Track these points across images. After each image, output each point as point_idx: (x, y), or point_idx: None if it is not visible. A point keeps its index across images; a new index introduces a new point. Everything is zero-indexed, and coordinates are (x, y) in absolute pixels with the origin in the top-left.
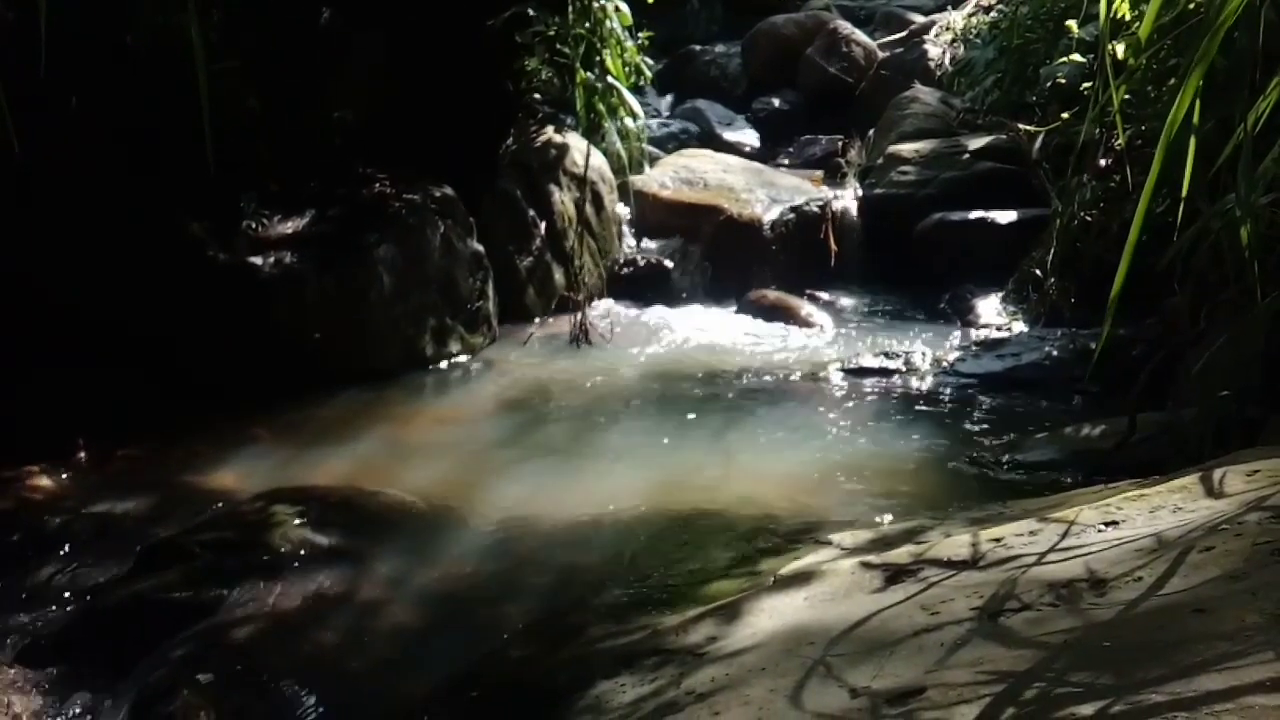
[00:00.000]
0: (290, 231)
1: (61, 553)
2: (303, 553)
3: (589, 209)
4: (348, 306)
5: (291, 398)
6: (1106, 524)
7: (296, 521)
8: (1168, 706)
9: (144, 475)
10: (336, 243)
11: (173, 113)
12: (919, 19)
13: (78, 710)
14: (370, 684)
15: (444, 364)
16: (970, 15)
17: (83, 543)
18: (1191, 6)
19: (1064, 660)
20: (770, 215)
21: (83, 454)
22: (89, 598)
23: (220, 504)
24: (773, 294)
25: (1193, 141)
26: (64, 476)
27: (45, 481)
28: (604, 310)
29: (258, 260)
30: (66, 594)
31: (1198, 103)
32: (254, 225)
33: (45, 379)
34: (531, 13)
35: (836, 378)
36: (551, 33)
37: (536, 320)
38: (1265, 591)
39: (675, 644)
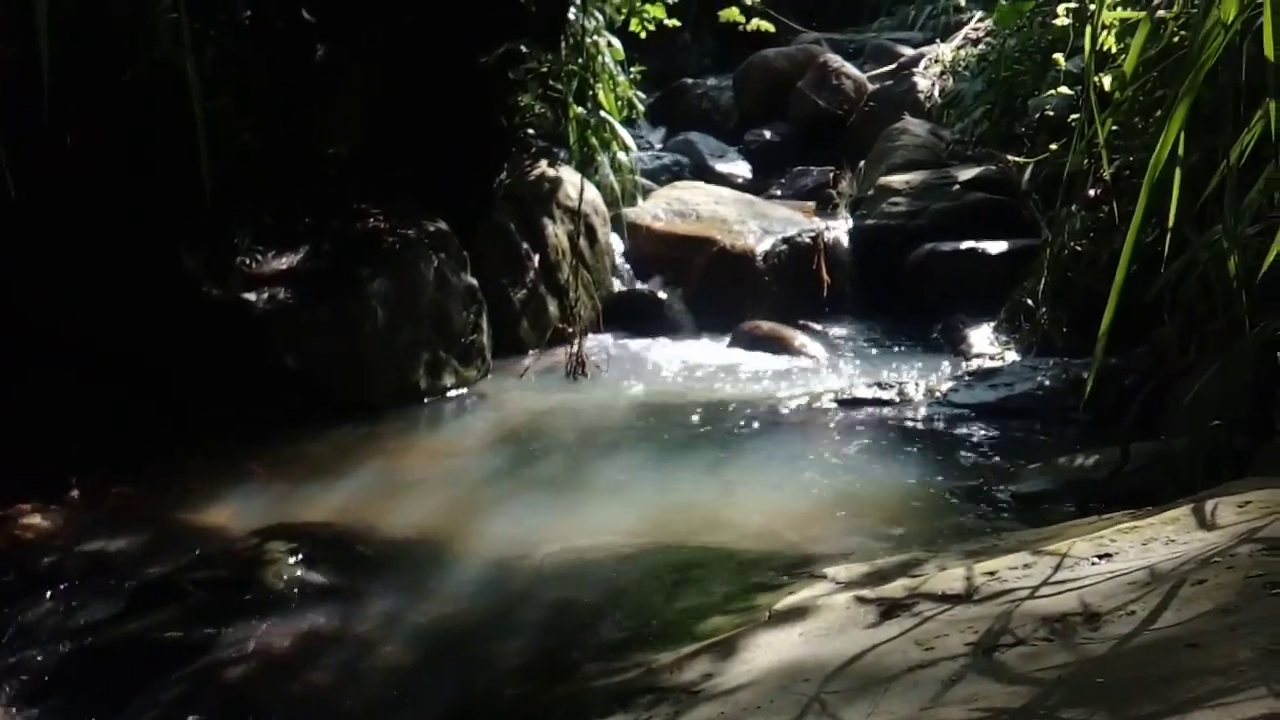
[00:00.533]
0: (284, 267)
1: (53, 592)
2: (296, 591)
3: (582, 242)
4: (341, 340)
5: (285, 432)
6: (1100, 556)
7: (290, 559)
8: None
9: (137, 512)
10: (330, 277)
11: (168, 148)
12: (908, 52)
13: None
14: None
15: (438, 398)
16: (959, 48)
17: (75, 581)
18: (1176, 40)
19: (1058, 696)
20: (763, 246)
21: (75, 491)
22: (81, 637)
23: (214, 541)
24: (766, 325)
25: (1178, 174)
26: (57, 514)
27: (37, 520)
28: (598, 343)
29: (251, 296)
30: (58, 633)
31: (1183, 136)
32: (248, 261)
33: (37, 416)
34: (524, 49)
35: (830, 409)
36: (544, 69)
37: (531, 353)
38: (1258, 626)
39: (670, 682)
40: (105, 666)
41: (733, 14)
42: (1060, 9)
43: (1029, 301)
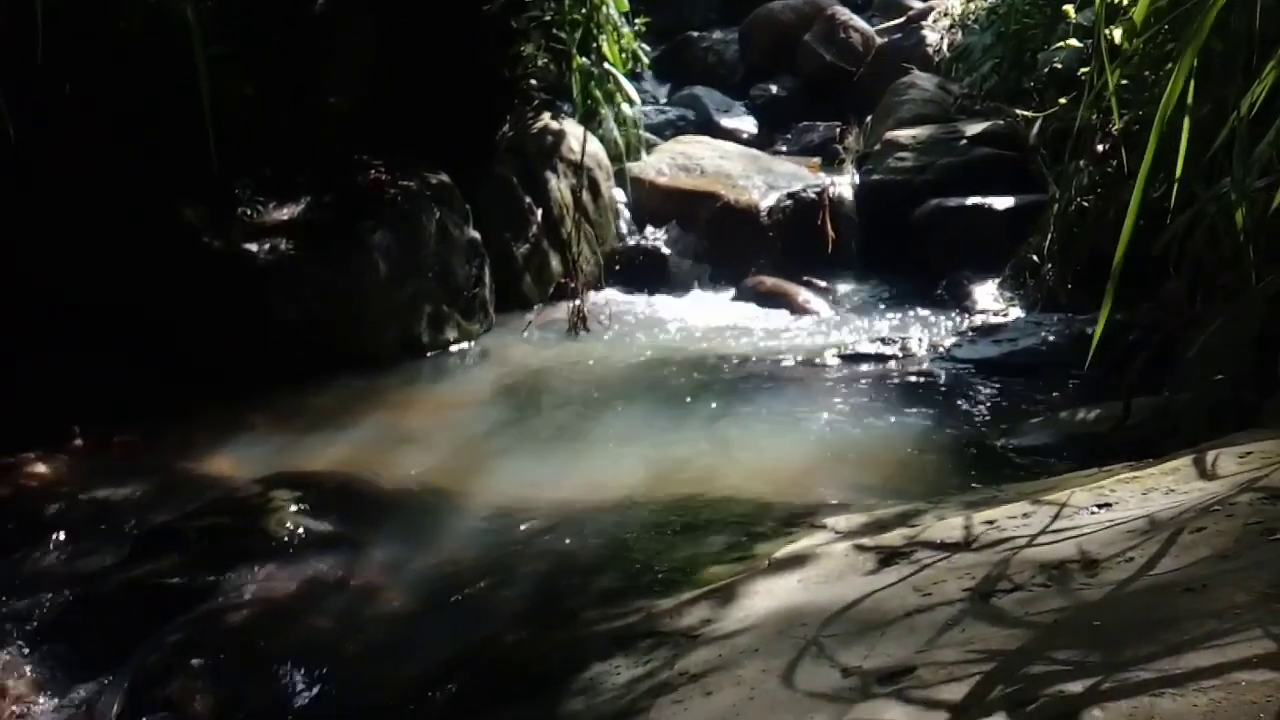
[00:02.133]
0: (285, 218)
1: (58, 539)
2: (299, 538)
3: (586, 196)
4: (343, 293)
5: (288, 384)
6: (1099, 506)
7: (293, 507)
8: (1156, 684)
9: (140, 461)
10: (332, 229)
11: (167, 99)
12: (917, 4)
13: (75, 695)
14: (366, 668)
15: (440, 351)
16: (968, 1)
17: (79, 529)
18: None
19: (1054, 639)
20: (768, 202)
21: (79, 440)
22: (86, 583)
23: (217, 490)
24: (770, 280)
25: (1187, 125)
26: (60, 463)
27: (41, 468)
28: (601, 298)
29: (253, 247)
30: (63, 580)
31: (1192, 86)
32: (249, 212)
33: (41, 366)
34: None
35: (834, 364)
36: (547, 18)
37: (534, 307)
38: (1255, 571)
39: (669, 626)
40: (109, 612)
41: None
42: None
43: (1034, 257)
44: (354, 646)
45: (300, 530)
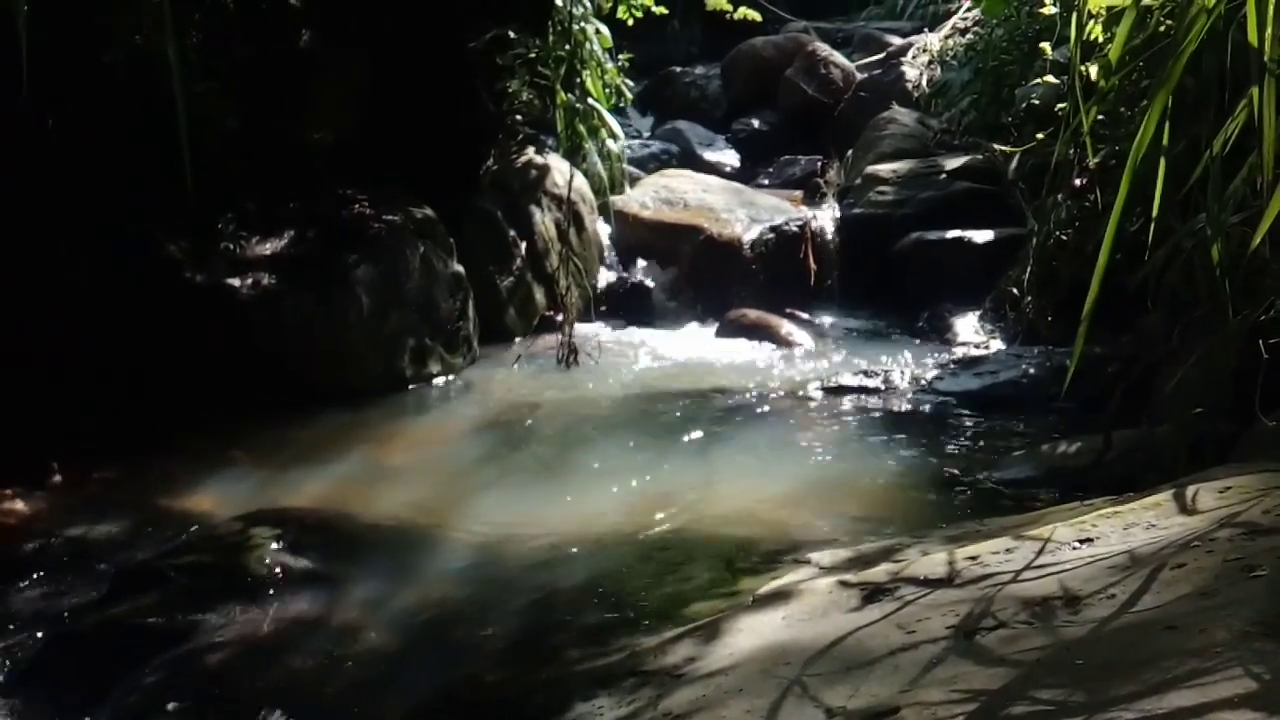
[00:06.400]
0: (268, 252)
1: (35, 577)
2: (280, 576)
3: (570, 229)
4: (326, 327)
5: (269, 419)
6: (1081, 541)
7: (274, 545)
8: None
9: (119, 498)
10: (315, 263)
11: (150, 133)
12: (896, 41)
13: None
14: (346, 708)
15: (423, 384)
16: (946, 37)
17: (57, 567)
18: (1162, 29)
19: (1038, 678)
20: (750, 235)
21: (57, 477)
22: (63, 622)
23: (197, 527)
24: (753, 313)
25: (1162, 162)
26: (39, 499)
27: (19, 505)
28: (585, 331)
29: (235, 281)
30: (40, 619)
31: (1167, 124)
32: (232, 246)
33: (18, 400)
34: (512, 35)
35: (816, 396)
36: (532, 55)
37: (517, 340)
38: (1235, 608)
39: (653, 665)
40: (87, 652)
41: (720, 2)
42: None
43: (1014, 290)
44: (335, 686)
45: (280, 568)
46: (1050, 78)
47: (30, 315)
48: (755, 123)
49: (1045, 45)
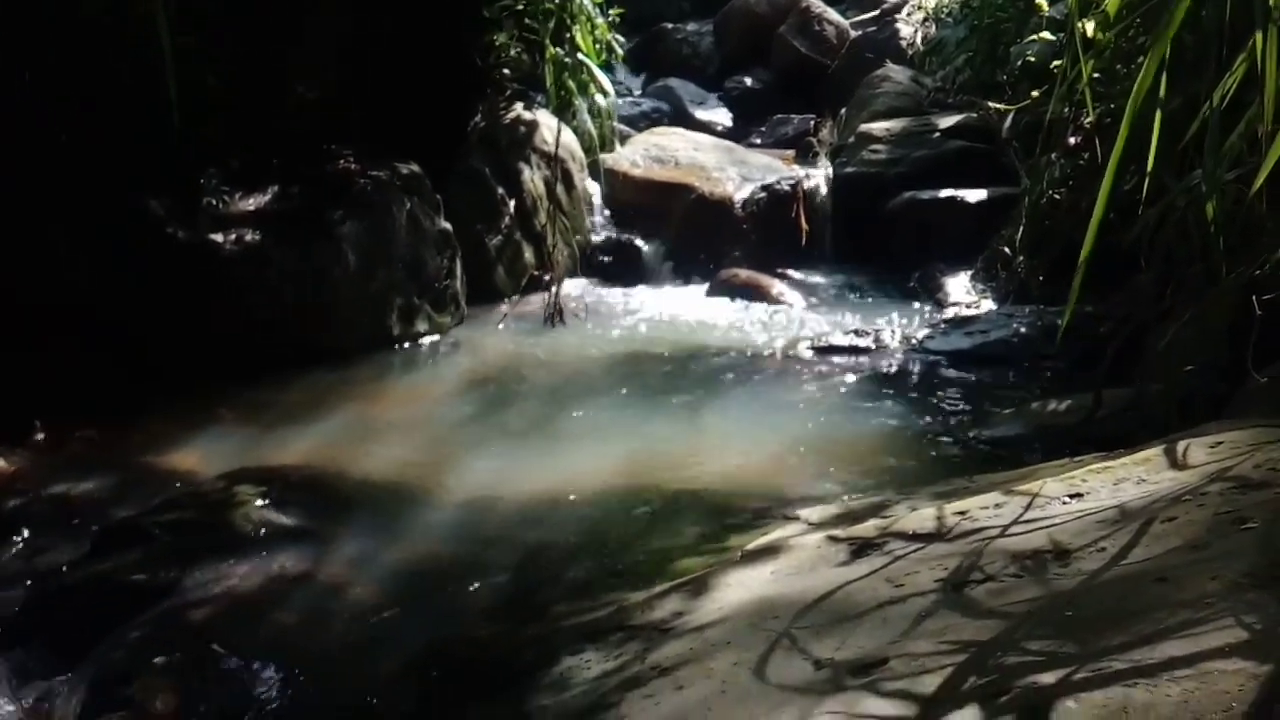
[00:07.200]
0: (253, 209)
1: (18, 535)
2: (265, 533)
3: (559, 187)
4: (312, 285)
5: (255, 378)
6: (1071, 496)
7: (259, 502)
8: (1129, 674)
9: (103, 457)
10: (300, 220)
11: (131, 89)
12: None
13: (35, 693)
14: (332, 664)
15: (411, 343)
16: None
17: (40, 525)
18: None
19: (1027, 630)
20: (742, 194)
21: (40, 435)
22: (46, 580)
23: (181, 485)
24: (744, 273)
25: (1158, 117)
26: (21, 458)
27: (1, 463)
28: (574, 289)
29: (219, 238)
30: (23, 576)
31: (1164, 79)
32: (215, 202)
33: (0, 360)
34: None
35: (807, 356)
36: (520, 7)
37: (506, 299)
38: (1226, 560)
39: (641, 620)
40: (70, 609)
41: None
42: None
43: (1007, 250)
44: (321, 643)
45: (266, 525)
46: (1046, 34)
47: (9, 274)
48: (748, 80)
49: (1041, 1)
